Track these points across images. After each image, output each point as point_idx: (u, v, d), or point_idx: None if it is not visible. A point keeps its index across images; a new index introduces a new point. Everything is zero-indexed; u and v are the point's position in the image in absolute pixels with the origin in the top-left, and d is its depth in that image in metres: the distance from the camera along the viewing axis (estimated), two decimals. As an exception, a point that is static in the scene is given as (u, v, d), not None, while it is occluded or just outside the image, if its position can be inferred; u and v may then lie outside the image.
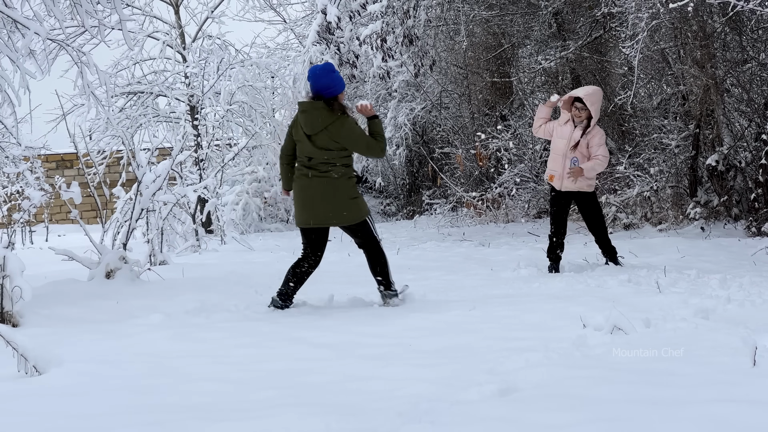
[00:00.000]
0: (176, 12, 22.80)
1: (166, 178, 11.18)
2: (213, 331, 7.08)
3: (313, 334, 6.87)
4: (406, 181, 25.50)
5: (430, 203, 22.64)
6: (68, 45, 10.28)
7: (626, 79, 16.29)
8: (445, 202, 21.45)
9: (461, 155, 20.68)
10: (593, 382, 4.81)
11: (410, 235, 17.64)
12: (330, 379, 5.27)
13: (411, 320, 7.45)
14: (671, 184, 15.73)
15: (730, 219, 14.81)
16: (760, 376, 4.78)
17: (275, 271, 11.67)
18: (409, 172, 25.37)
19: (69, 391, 5.07)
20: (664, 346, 5.66)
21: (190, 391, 5.09)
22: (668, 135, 15.87)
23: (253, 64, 23.13)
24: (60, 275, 10.38)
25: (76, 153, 11.11)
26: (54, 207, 28.53)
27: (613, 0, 14.30)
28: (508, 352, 5.74)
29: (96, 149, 22.92)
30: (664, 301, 7.83)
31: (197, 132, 21.77)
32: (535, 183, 19.46)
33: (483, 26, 19.85)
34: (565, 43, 17.90)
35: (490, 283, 10.06)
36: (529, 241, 15.09)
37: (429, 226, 19.53)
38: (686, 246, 12.50)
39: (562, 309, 7.56)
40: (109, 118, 16.55)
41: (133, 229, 10.97)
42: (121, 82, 22.58)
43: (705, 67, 14.26)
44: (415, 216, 22.86)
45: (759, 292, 8.38)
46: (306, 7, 25.51)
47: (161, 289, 9.52)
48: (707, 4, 12.42)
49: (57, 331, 7.08)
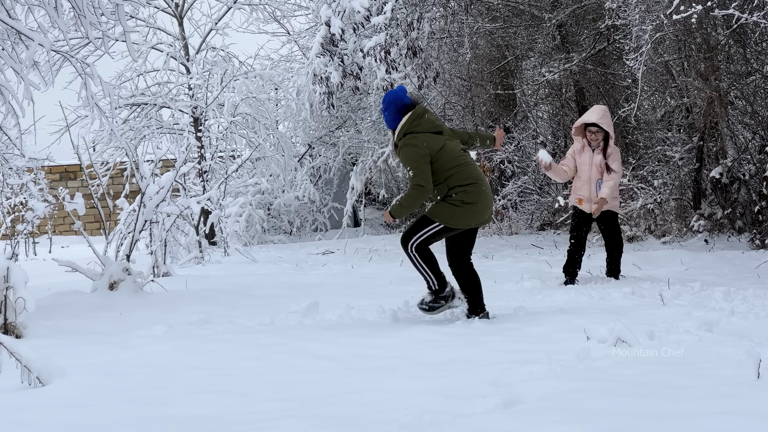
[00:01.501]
0: (180, 24, 22.84)
1: (170, 189, 11.18)
2: (216, 343, 7.07)
3: (317, 346, 6.86)
4: (409, 192, 25.42)
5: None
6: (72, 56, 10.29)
7: (630, 91, 16.31)
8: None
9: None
10: (597, 395, 4.80)
11: (414, 247, 17.59)
12: (334, 391, 5.26)
13: (414, 332, 7.44)
14: (675, 196, 15.73)
15: (734, 231, 14.81)
16: (764, 389, 4.77)
17: (278, 283, 11.69)
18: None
19: (72, 403, 5.06)
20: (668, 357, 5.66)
21: (195, 402, 5.08)
22: (672, 147, 15.89)
23: (256, 75, 23.15)
24: (63, 287, 10.38)
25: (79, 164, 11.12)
26: (57, 218, 28.54)
27: (617, 12, 14.32)
28: (512, 365, 5.72)
29: (99, 161, 22.92)
30: (668, 314, 7.82)
31: (201, 144, 21.78)
32: (539, 195, 19.47)
33: (487, 38, 19.89)
34: (568, 56, 17.91)
35: (494, 295, 10.04)
36: (533, 254, 15.08)
37: (432, 238, 19.46)
38: (690, 258, 12.49)
39: (565, 321, 7.56)
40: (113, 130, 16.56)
41: (137, 241, 10.97)
42: (125, 94, 22.58)
43: (709, 80, 14.27)
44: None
45: (763, 305, 8.38)
46: (310, 19, 25.54)
47: (164, 300, 9.52)
48: (711, 16, 12.44)
49: (60, 343, 7.08)
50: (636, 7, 13.60)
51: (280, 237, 23.42)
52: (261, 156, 23.11)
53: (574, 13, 17.88)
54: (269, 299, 9.78)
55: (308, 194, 24.14)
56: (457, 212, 8.00)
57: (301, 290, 10.84)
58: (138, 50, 22.06)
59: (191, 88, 22.23)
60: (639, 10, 13.54)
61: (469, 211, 8.03)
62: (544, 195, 19.51)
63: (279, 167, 23.29)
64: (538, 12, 18.40)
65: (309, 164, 25.01)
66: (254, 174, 23.77)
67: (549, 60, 18.94)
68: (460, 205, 8.01)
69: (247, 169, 23.70)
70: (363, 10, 15.37)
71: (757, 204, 14.19)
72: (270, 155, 23.13)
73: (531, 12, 18.68)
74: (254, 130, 23.08)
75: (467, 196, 8.00)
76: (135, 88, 23.01)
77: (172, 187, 11.25)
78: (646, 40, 13.11)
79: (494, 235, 19.08)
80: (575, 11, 17.78)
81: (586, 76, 18.41)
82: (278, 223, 24.27)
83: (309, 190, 24.11)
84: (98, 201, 11.26)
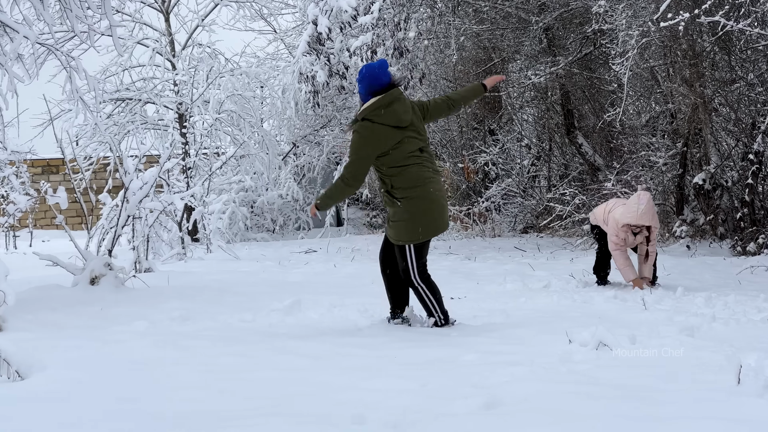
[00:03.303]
0: (166, 19, 22.78)
1: (153, 185, 11.15)
2: (198, 339, 7.05)
3: (299, 344, 6.85)
4: (393, 193, 25.43)
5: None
6: (57, 49, 10.25)
7: (615, 96, 16.35)
8: (432, 215, 21.43)
9: (449, 169, 20.71)
10: (578, 398, 4.80)
11: (396, 248, 17.57)
12: (316, 389, 5.25)
13: (396, 332, 7.44)
14: (658, 201, 15.77)
15: (716, 238, 14.86)
16: (744, 394, 4.78)
17: (260, 281, 11.67)
18: (396, 185, 25.33)
19: (52, 397, 5.03)
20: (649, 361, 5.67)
21: (175, 398, 5.06)
22: (656, 153, 15.93)
23: (242, 73, 23.11)
24: (44, 281, 10.33)
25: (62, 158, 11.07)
26: (39, 212, 28.46)
27: (604, 17, 14.35)
28: (494, 366, 5.73)
29: (83, 155, 22.81)
30: (650, 318, 7.85)
31: (185, 140, 21.72)
32: (522, 198, 19.49)
33: (473, 40, 19.92)
34: (555, 59, 17.94)
35: (476, 296, 10.05)
36: (516, 256, 15.10)
37: (415, 239, 19.44)
38: (672, 264, 12.52)
39: (548, 324, 7.56)
40: (97, 124, 16.50)
41: (119, 236, 10.94)
42: (110, 88, 22.50)
43: (694, 86, 14.31)
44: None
45: (744, 311, 8.41)
46: (297, 18, 25.55)
47: (146, 296, 9.48)
48: (697, 23, 12.47)
49: (40, 337, 7.04)
50: (623, 12, 13.64)
51: (263, 235, 23.39)
52: (245, 153, 23.08)
53: (561, 16, 17.91)
54: (251, 296, 9.75)
55: (292, 193, 24.13)
56: (410, 225, 7.59)
57: (283, 288, 10.82)
58: (124, 45, 21.98)
59: (176, 84, 22.18)
60: (626, 15, 13.58)
61: (419, 219, 7.59)
62: (528, 198, 19.53)
63: (263, 165, 23.27)
64: (525, 15, 18.43)
65: (293, 163, 24.98)
66: (238, 171, 23.74)
67: (535, 63, 18.97)
68: (409, 217, 7.58)
69: (231, 166, 23.66)
70: (350, 10, 15.36)
71: (739, 210, 14.24)
72: (254, 153, 23.10)
73: (518, 15, 18.70)
74: (239, 128, 23.05)
75: (411, 204, 7.57)
76: (120, 82, 22.94)
77: (155, 182, 11.21)
78: (633, 45, 13.14)
79: (477, 237, 19.09)
80: (562, 15, 17.81)
81: (572, 80, 18.45)
82: (261, 221, 24.24)
83: (293, 188, 24.10)
84: (81, 195, 11.21)
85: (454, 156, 21.04)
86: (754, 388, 4.83)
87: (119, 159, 11.07)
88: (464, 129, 20.99)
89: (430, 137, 22.20)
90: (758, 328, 7.47)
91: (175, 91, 22.27)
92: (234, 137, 23.06)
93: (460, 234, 19.52)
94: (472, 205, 19.82)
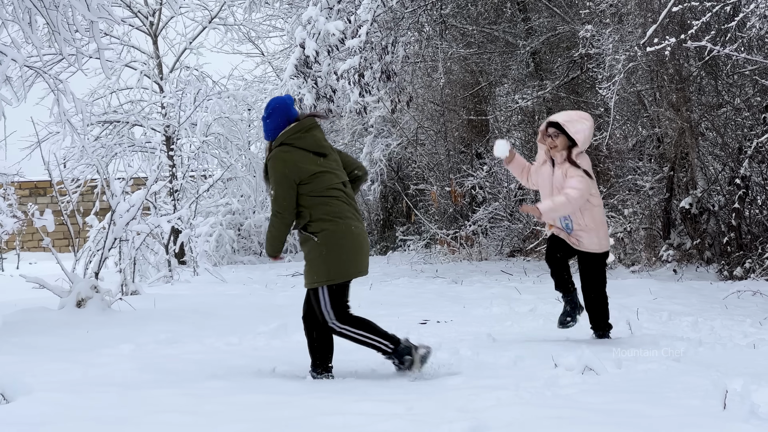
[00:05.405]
0: (154, 42, 22.82)
1: (140, 207, 11.15)
2: (184, 363, 7.03)
3: (284, 368, 6.85)
4: (380, 216, 25.51)
5: (404, 239, 22.65)
6: (45, 72, 10.26)
7: (602, 120, 16.38)
8: (419, 239, 21.49)
9: (436, 192, 20.74)
10: (564, 422, 4.80)
11: (383, 271, 17.62)
12: (302, 413, 5.24)
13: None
14: (645, 225, 15.80)
15: (703, 262, 14.87)
16: (730, 419, 4.79)
17: (247, 304, 11.65)
18: (383, 208, 25.41)
19: (37, 420, 5.01)
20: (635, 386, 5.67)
21: (160, 422, 5.04)
22: (643, 177, 15.96)
23: (230, 96, 23.17)
24: (30, 303, 10.30)
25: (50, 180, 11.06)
26: (26, 234, 28.38)
27: (591, 41, 14.41)
28: (479, 390, 5.72)
29: (70, 177, 22.81)
30: (636, 343, 7.85)
31: (172, 162, 21.73)
32: (509, 222, 19.50)
33: (461, 64, 19.96)
34: (542, 83, 17.99)
35: (463, 320, 10.04)
36: (502, 280, 15.10)
37: (402, 263, 19.49)
38: (659, 288, 12.53)
39: (533, 348, 7.57)
40: (85, 147, 16.51)
41: (106, 258, 10.92)
42: (98, 111, 22.53)
43: (680, 111, 14.36)
44: (389, 252, 22.86)
45: (730, 336, 8.43)
46: (284, 41, 25.62)
47: (132, 319, 9.47)
48: (684, 48, 12.52)
49: (26, 360, 7.02)
50: (609, 36, 13.70)
51: (249, 258, 23.36)
52: (232, 176, 23.10)
53: (548, 41, 17.98)
54: (238, 320, 9.74)
55: (279, 215, 24.07)
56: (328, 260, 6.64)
57: (269, 311, 10.80)
58: (111, 68, 21.99)
59: (164, 107, 22.21)
60: (612, 39, 13.64)
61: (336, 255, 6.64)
62: (515, 221, 19.52)
63: (250, 188, 23.28)
64: (512, 39, 18.49)
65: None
66: (225, 194, 23.75)
67: (522, 87, 19.01)
68: (326, 252, 6.62)
69: (219, 189, 23.67)
70: (338, 33, 15.38)
71: (726, 235, 14.27)
72: (241, 176, 23.12)
73: (505, 39, 18.76)
74: (226, 150, 23.07)
75: (329, 237, 6.62)
76: (108, 105, 22.98)
77: (142, 205, 11.21)
78: (619, 69, 13.19)
79: (464, 261, 19.08)
80: (549, 39, 17.88)
81: (559, 104, 18.48)
82: (248, 244, 24.20)
83: (280, 211, 24.03)
84: (68, 218, 11.20)
85: (441, 179, 21.07)
86: (740, 413, 4.83)
87: (106, 181, 11.05)
88: (451, 152, 21.00)
89: (418, 161, 22.25)
90: (744, 353, 7.49)
91: (163, 113, 22.29)
92: (221, 160, 23.07)
93: (447, 257, 19.50)
94: (459, 228, 19.82)
